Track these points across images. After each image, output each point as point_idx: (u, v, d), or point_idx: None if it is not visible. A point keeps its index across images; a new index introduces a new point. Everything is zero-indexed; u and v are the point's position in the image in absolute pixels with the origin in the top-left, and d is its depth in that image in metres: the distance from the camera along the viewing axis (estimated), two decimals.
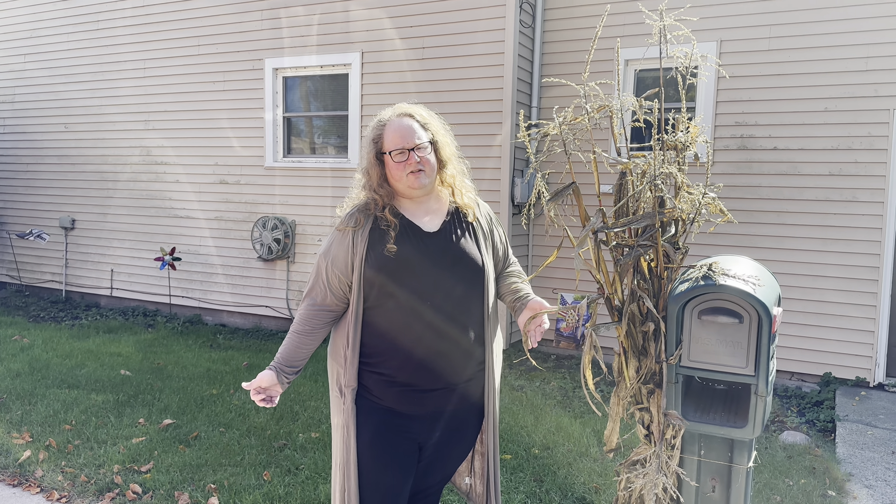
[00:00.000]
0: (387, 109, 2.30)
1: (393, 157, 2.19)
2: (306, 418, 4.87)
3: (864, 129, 5.66)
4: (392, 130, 2.21)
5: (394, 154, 2.19)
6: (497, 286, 2.50)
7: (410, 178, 2.19)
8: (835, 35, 5.70)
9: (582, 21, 6.64)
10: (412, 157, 2.18)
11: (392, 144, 2.19)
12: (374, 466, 2.21)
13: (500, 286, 2.51)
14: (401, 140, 2.19)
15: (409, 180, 2.19)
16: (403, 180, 2.20)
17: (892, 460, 4.30)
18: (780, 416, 5.22)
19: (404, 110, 2.27)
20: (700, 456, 2.43)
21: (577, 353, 6.58)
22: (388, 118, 2.25)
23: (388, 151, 2.20)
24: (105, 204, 8.86)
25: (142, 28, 8.40)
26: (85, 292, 9.16)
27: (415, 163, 2.18)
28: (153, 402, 5.14)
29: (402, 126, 2.21)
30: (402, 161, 2.18)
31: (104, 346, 6.84)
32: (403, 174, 2.19)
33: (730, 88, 6.07)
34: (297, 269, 7.63)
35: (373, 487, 2.21)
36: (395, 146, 2.19)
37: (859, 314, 5.72)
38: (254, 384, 2.18)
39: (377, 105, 7.05)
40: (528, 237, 7.00)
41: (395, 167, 2.20)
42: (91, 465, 4.05)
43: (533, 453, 4.34)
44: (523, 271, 2.59)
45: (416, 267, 2.19)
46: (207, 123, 8.06)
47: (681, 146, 2.40)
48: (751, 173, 6.04)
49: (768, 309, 2.19)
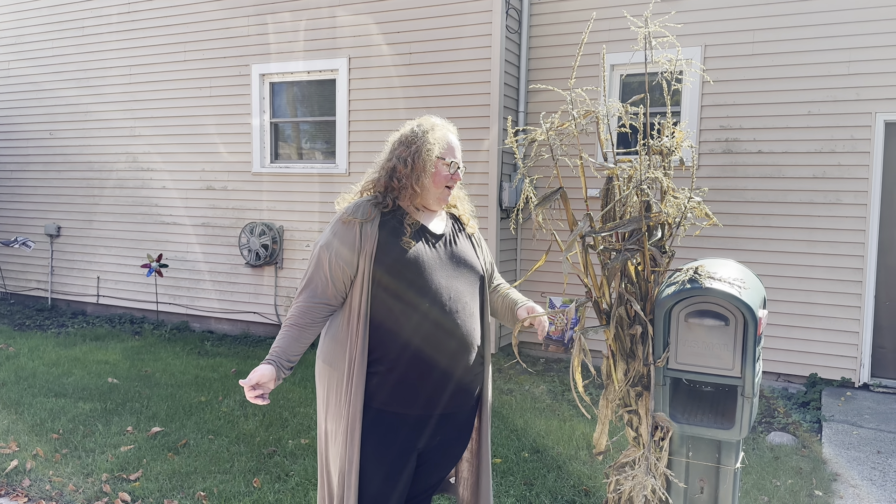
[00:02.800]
0: (433, 118, 2.36)
1: (449, 168, 2.29)
2: (296, 424, 4.85)
3: (846, 133, 5.73)
4: (453, 142, 2.32)
5: (450, 163, 2.29)
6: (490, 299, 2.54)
7: (445, 191, 2.30)
8: (817, 39, 5.77)
9: (567, 27, 6.69)
10: (458, 174, 2.31)
11: (451, 154, 2.30)
12: (377, 478, 2.18)
13: (492, 298, 2.54)
14: (457, 154, 2.32)
15: (443, 192, 2.30)
16: (441, 189, 2.29)
17: (878, 460, 4.34)
18: (767, 416, 5.27)
19: (453, 129, 2.38)
20: (688, 457, 2.45)
21: (566, 357, 6.61)
22: (445, 126, 2.34)
23: (447, 160, 2.28)
24: (91, 211, 8.80)
25: (127, 34, 8.36)
26: (71, 300, 9.10)
27: (458, 179, 2.32)
28: (141, 410, 5.12)
29: (457, 142, 2.34)
30: (451, 173, 2.29)
31: (91, 353, 6.79)
32: (443, 184, 2.28)
33: (715, 93, 6.13)
34: (286, 274, 7.61)
35: (373, 499, 2.19)
36: (452, 157, 2.30)
37: (844, 315, 5.78)
38: (252, 379, 2.07)
39: (364, 110, 7.07)
40: (517, 241, 7.03)
41: (443, 176, 2.28)
42: (79, 474, 4.02)
43: (523, 457, 4.35)
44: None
45: (426, 266, 2.19)
46: (194, 129, 8.03)
47: (666, 151, 2.43)
48: (736, 176, 6.09)
49: (753, 311, 2.22)
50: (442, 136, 2.29)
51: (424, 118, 2.34)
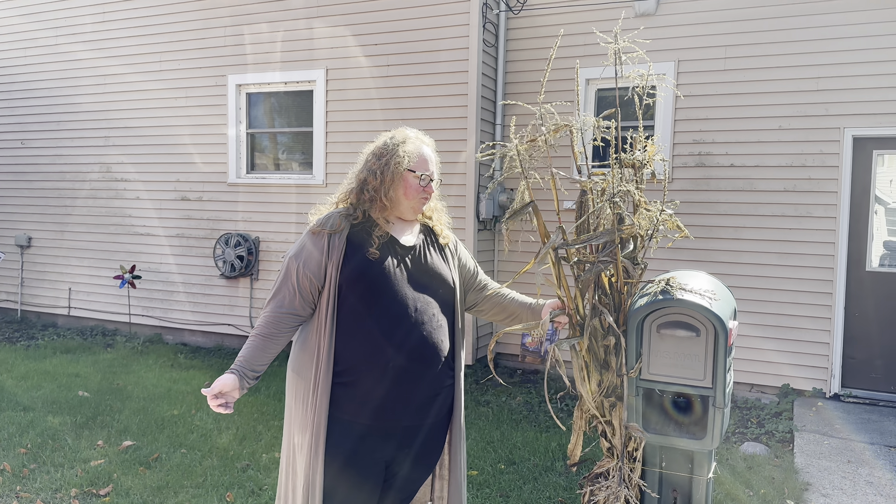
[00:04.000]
0: (408, 130, 2.36)
1: (420, 180, 2.29)
2: (270, 438, 4.81)
3: (816, 147, 5.84)
4: (426, 154, 2.32)
5: (421, 176, 2.29)
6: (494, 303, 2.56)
7: (419, 202, 2.31)
8: (788, 56, 5.88)
9: (544, 41, 6.75)
10: (431, 187, 2.32)
11: (423, 167, 2.30)
12: (341, 488, 2.17)
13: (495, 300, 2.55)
14: (430, 166, 2.32)
15: (416, 203, 2.31)
16: (415, 201, 2.30)
17: (848, 469, 4.40)
18: (740, 427, 5.32)
19: (429, 142, 2.38)
20: (661, 468, 2.47)
21: (542, 368, 6.62)
22: (420, 139, 2.34)
23: (416, 171, 2.28)
24: (63, 221, 8.68)
25: (102, 43, 8.29)
26: (42, 312, 8.94)
27: (431, 192, 2.32)
28: (112, 424, 5.03)
29: (431, 154, 2.35)
30: (424, 186, 2.30)
31: (62, 366, 6.68)
32: (418, 196, 2.29)
33: (687, 107, 6.22)
34: (261, 286, 7.56)
35: None
36: (425, 170, 2.30)
37: (815, 326, 5.87)
38: (214, 389, 2.08)
39: (342, 122, 7.07)
40: (494, 253, 7.05)
41: (416, 188, 2.28)
42: (47, 489, 3.94)
43: (499, 468, 4.35)
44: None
45: (392, 277, 2.20)
46: (169, 139, 7.97)
47: (638, 164, 2.46)
48: (709, 189, 6.18)
49: (724, 322, 2.25)
50: (414, 149, 2.30)
51: (399, 130, 2.35)
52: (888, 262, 5.91)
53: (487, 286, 2.58)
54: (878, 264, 5.90)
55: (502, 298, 2.56)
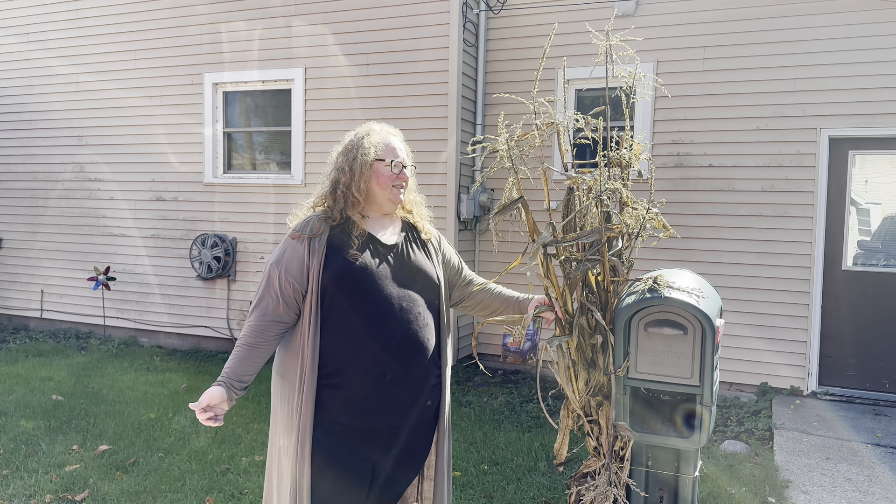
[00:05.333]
0: (373, 124, 2.36)
1: (392, 167, 2.27)
2: (249, 441, 4.74)
3: (793, 147, 5.90)
4: (392, 143, 2.30)
5: (392, 163, 2.27)
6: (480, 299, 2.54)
7: (395, 191, 2.28)
8: (765, 57, 5.94)
9: (524, 41, 6.75)
10: (404, 174, 2.29)
11: (391, 154, 2.28)
12: (328, 490, 2.15)
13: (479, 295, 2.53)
14: (399, 154, 2.30)
15: (392, 193, 2.28)
16: (389, 191, 2.27)
17: (827, 466, 4.45)
18: (720, 425, 5.35)
19: (394, 132, 2.37)
20: (648, 467, 2.46)
21: (523, 368, 6.62)
22: (385, 129, 2.34)
23: (387, 160, 2.26)
24: (35, 222, 8.50)
25: (74, 41, 8.13)
26: (13, 314, 8.75)
27: (404, 178, 2.29)
28: (88, 428, 4.93)
29: (399, 143, 2.33)
30: (396, 173, 2.27)
31: (34, 370, 6.53)
32: (390, 184, 2.27)
33: (667, 108, 6.25)
34: (239, 287, 7.46)
35: None
36: (394, 156, 2.28)
37: (793, 325, 5.93)
38: (202, 403, 2.06)
39: (321, 121, 7.00)
40: (475, 253, 7.03)
41: (388, 176, 2.26)
42: (21, 496, 3.84)
43: (482, 469, 4.33)
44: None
45: (375, 276, 2.18)
46: (144, 139, 7.84)
47: (625, 163, 2.45)
48: (688, 189, 6.22)
49: (711, 320, 2.25)
50: (379, 140, 2.29)
51: (363, 125, 2.36)
52: (861, 261, 5.99)
53: (473, 281, 2.57)
54: (852, 263, 5.97)
55: (488, 294, 2.55)
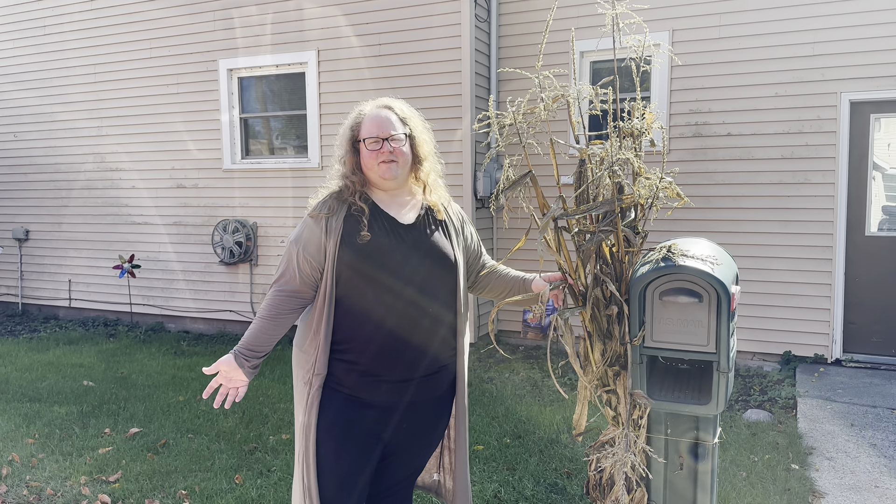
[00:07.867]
0: (369, 102, 2.34)
1: (367, 146, 2.23)
2: (276, 420, 4.83)
3: (813, 113, 5.81)
4: (369, 120, 2.25)
5: (368, 142, 2.23)
6: (486, 282, 2.56)
7: (382, 167, 2.23)
8: (783, 21, 5.84)
9: (536, 14, 6.70)
10: (385, 147, 2.22)
11: (367, 133, 2.24)
12: (331, 453, 2.20)
13: (489, 278, 2.55)
14: (376, 129, 2.23)
15: (380, 169, 2.23)
16: (375, 169, 2.24)
17: (852, 433, 4.43)
18: (743, 395, 5.35)
19: (385, 103, 2.32)
20: (667, 434, 2.48)
21: (544, 343, 6.65)
22: (368, 108, 2.30)
23: (363, 139, 2.24)
24: (60, 213, 8.65)
25: (90, 32, 8.21)
26: (42, 304, 8.94)
27: (387, 153, 2.22)
28: (118, 412, 5.05)
29: (378, 116, 2.26)
30: (376, 150, 2.22)
31: (65, 357, 6.69)
32: (375, 163, 2.23)
33: (683, 77, 6.18)
34: (261, 271, 7.55)
35: (330, 475, 2.20)
36: (369, 134, 2.23)
37: (816, 293, 5.88)
38: (213, 368, 2.20)
39: (335, 103, 7.02)
40: (493, 230, 7.04)
41: (368, 155, 2.23)
42: (57, 478, 3.96)
43: (505, 443, 4.38)
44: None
45: (390, 255, 2.20)
46: (162, 127, 7.92)
47: (637, 133, 2.44)
48: (706, 159, 6.16)
49: (726, 287, 2.25)
50: (355, 118, 2.28)
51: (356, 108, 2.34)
52: (887, 226, 5.91)
53: (485, 265, 2.58)
54: (877, 229, 5.90)
55: (495, 276, 2.56)
